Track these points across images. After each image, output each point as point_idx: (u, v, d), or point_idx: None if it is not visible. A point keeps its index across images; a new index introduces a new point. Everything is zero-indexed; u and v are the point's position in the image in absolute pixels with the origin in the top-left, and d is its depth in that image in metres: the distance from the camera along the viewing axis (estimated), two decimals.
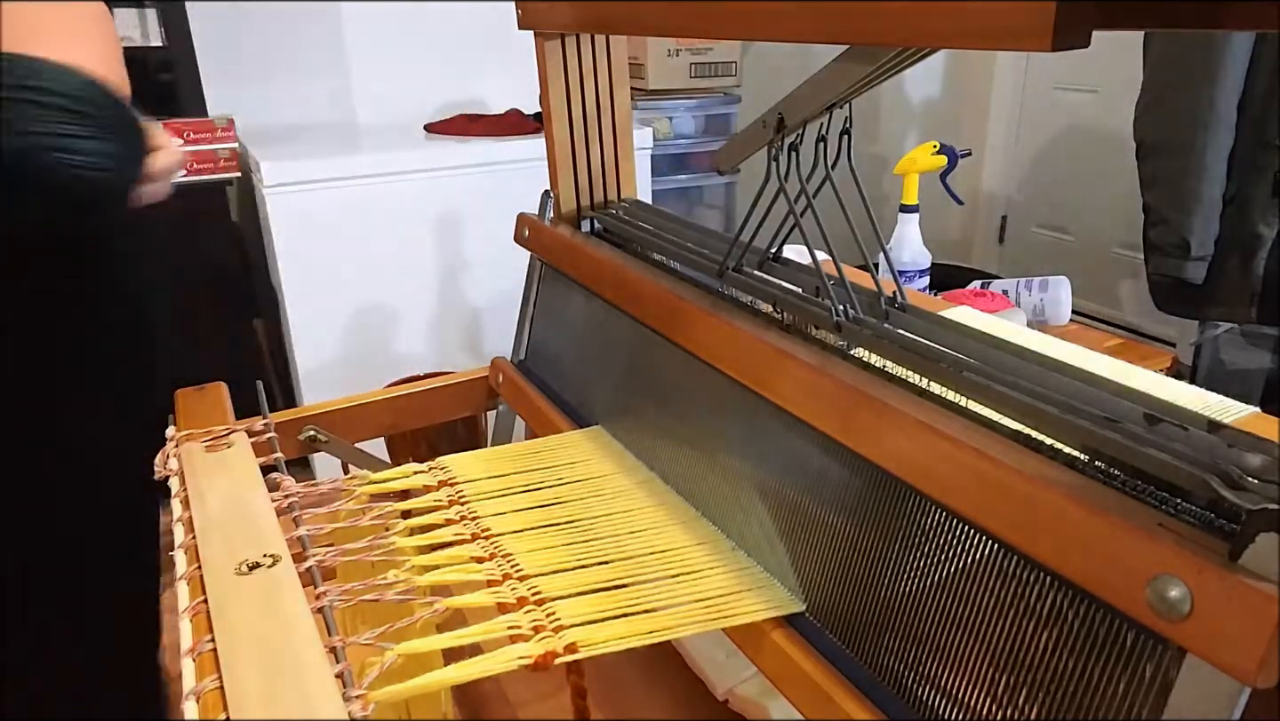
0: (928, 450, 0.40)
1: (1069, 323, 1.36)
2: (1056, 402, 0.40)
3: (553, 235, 0.79)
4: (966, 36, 0.34)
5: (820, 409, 0.47)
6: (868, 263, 0.54)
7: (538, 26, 0.74)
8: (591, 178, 0.81)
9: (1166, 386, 0.53)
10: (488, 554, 0.53)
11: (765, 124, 0.55)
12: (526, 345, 0.85)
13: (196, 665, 0.42)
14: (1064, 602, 0.36)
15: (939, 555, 0.41)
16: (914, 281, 1.41)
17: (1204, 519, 0.34)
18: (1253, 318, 1.48)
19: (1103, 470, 0.38)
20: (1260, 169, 1.41)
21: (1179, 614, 0.30)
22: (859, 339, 0.51)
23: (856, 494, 0.46)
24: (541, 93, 0.78)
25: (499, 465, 0.64)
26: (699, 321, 0.58)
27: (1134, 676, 0.33)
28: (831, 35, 0.41)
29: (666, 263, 0.70)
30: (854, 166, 0.52)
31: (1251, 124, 1.40)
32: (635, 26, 0.60)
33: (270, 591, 0.47)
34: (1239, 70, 1.39)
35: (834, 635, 0.47)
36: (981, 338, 0.48)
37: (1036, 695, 0.37)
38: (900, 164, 1.45)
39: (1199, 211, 1.45)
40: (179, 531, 0.53)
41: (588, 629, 0.46)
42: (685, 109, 2.46)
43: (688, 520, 0.58)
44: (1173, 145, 1.46)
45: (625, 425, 0.68)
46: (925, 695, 0.42)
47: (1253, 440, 0.36)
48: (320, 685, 0.40)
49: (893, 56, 0.45)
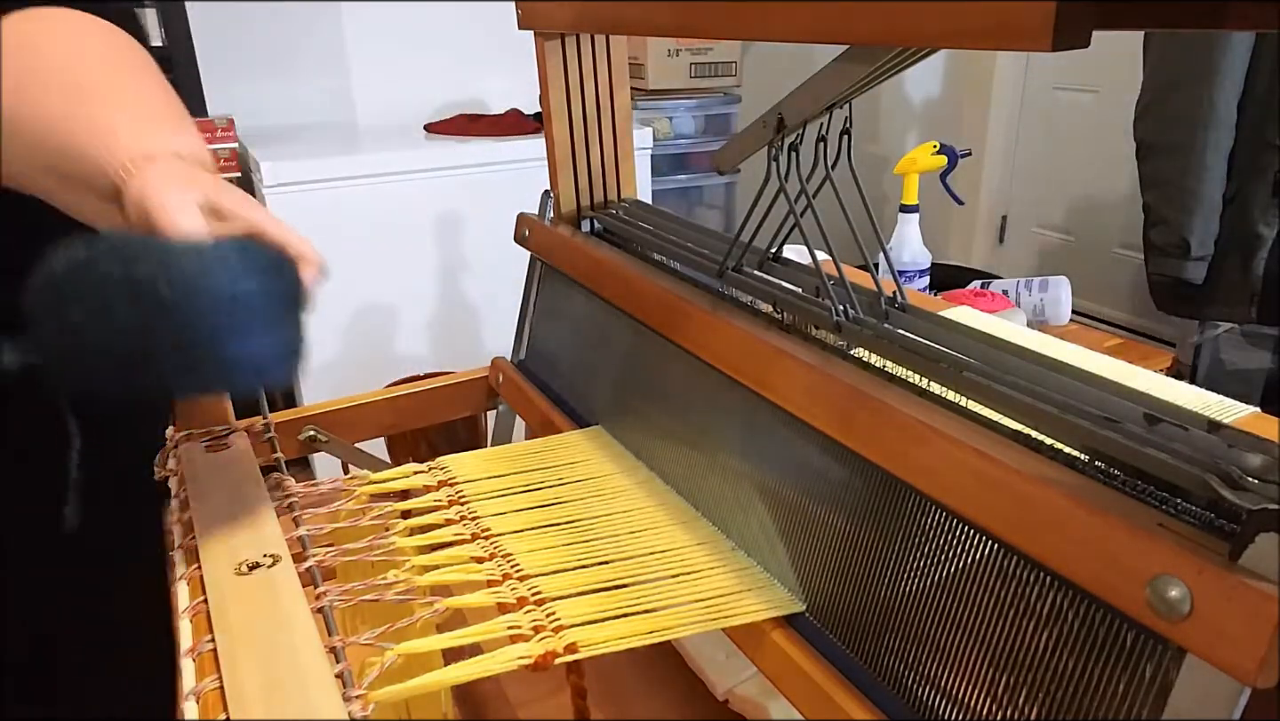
0: (928, 450, 0.40)
1: (1069, 322, 1.36)
2: (1056, 403, 0.40)
3: (553, 235, 0.79)
4: (966, 36, 0.34)
5: (820, 409, 0.47)
6: (868, 263, 0.54)
7: (538, 26, 0.74)
8: (591, 178, 0.81)
9: (1166, 386, 0.53)
10: (488, 554, 0.53)
11: (765, 124, 0.55)
12: (526, 345, 0.85)
13: (196, 665, 0.42)
14: (1064, 602, 0.36)
15: (939, 555, 0.41)
16: (914, 281, 1.41)
17: (1204, 519, 0.34)
18: (1253, 317, 1.48)
19: (1103, 470, 0.38)
20: (1260, 169, 1.41)
21: (1179, 614, 0.30)
22: (859, 339, 0.51)
23: (856, 494, 0.46)
24: (541, 93, 0.78)
25: (499, 465, 0.64)
26: (699, 321, 0.58)
27: (1134, 676, 0.33)
28: (831, 35, 0.41)
29: (666, 263, 0.70)
30: (854, 166, 0.52)
31: (1251, 124, 1.41)
32: (635, 26, 0.60)
33: (270, 591, 0.47)
34: (1239, 70, 1.40)
35: (834, 635, 0.47)
36: (981, 337, 0.48)
37: (1036, 695, 0.37)
38: (900, 164, 1.45)
39: (1199, 211, 1.45)
40: (179, 531, 0.53)
41: (588, 629, 0.46)
42: (685, 109, 2.46)
43: (688, 520, 0.58)
44: (1173, 145, 1.46)
45: (625, 425, 0.68)
46: (925, 695, 0.42)
47: (1253, 440, 0.36)
48: (320, 685, 0.40)
49: (893, 56, 0.45)
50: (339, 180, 1.72)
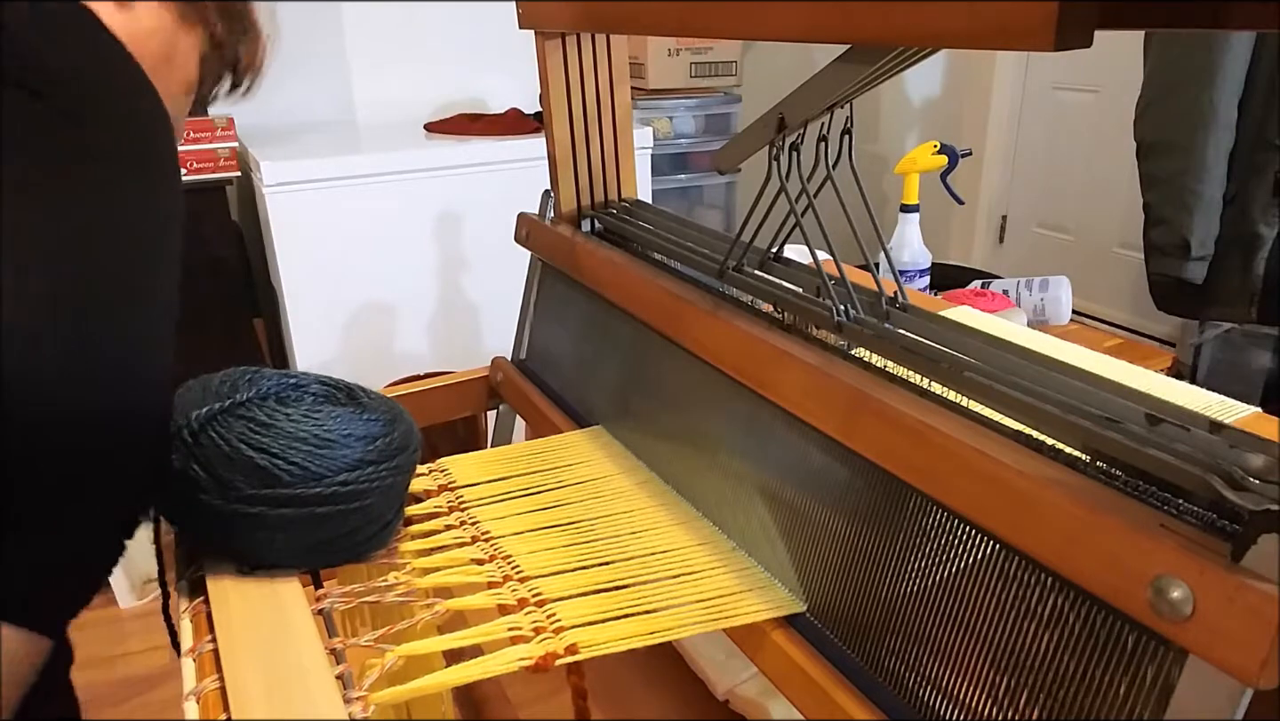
0: (929, 450, 0.40)
1: (1069, 322, 1.36)
2: (1057, 403, 0.40)
3: (553, 235, 0.79)
4: (968, 36, 0.34)
5: (821, 409, 0.47)
6: (868, 262, 0.54)
7: (538, 26, 0.74)
8: (591, 177, 0.81)
9: (1167, 386, 0.53)
10: (488, 555, 0.53)
11: (766, 124, 0.55)
12: (527, 345, 0.85)
13: (196, 665, 0.42)
14: (1065, 603, 0.36)
15: (940, 555, 0.41)
16: (914, 281, 1.41)
17: (1206, 519, 0.34)
18: (1253, 317, 1.48)
19: (1104, 470, 0.37)
20: (1260, 169, 1.41)
21: (1181, 615, 0.30)
22: (860, 339, 0.51)
23: (857, 494, 0.46)
24: (542, 92, 0.78)
25: (499, 466, 0.64)
26: (699, 321, 0.58)
27: (1136, 678, 0.33)
28: (832, 35, 0.41)
29: (667, 262, 0.69)
30: (855, 166, 0.52)
31: (1251, 124, 1.40)
32: (635, 26, 0.60)
33: (271, 591, 0.47)
34: (1239, 70, 1.39)
35: (835, 635, 0.47)
36: (982, 337, 0.48)
37: (1038, 696, 0.37)
38: (900, 164, 1.45)
39: (1199, 211, 1.45)
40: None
41: (588, 630, 0.46)
42: (685, 109, 2.46)
43: (688, 520, 0.58)
44: (1173, 145, 1.46)
45: (626, 425, 0.68)
46: (926, 696, 0.42)
47: (1255, 441, 0.36)
48: (321, 686, 0.40)
49: (893, 56, 0.45)
50: (339, 180, 1.72)
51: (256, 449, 0.46)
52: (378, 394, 0.55)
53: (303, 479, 0.46)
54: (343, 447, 0.48)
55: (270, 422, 0.47)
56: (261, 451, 0.46)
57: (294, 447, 0.47)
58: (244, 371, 0.52)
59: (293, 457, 0.46)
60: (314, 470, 0.47)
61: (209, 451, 0.46)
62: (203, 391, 0.49)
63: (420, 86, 2.24)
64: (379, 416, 0.51)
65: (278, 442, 0.46)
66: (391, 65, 2.20)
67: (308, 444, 0.47)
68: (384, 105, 2.21)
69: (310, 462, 0.47)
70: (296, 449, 0.47)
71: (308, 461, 0.47)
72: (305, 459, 0.47)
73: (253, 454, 0.46)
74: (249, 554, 0.49)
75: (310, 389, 0.53)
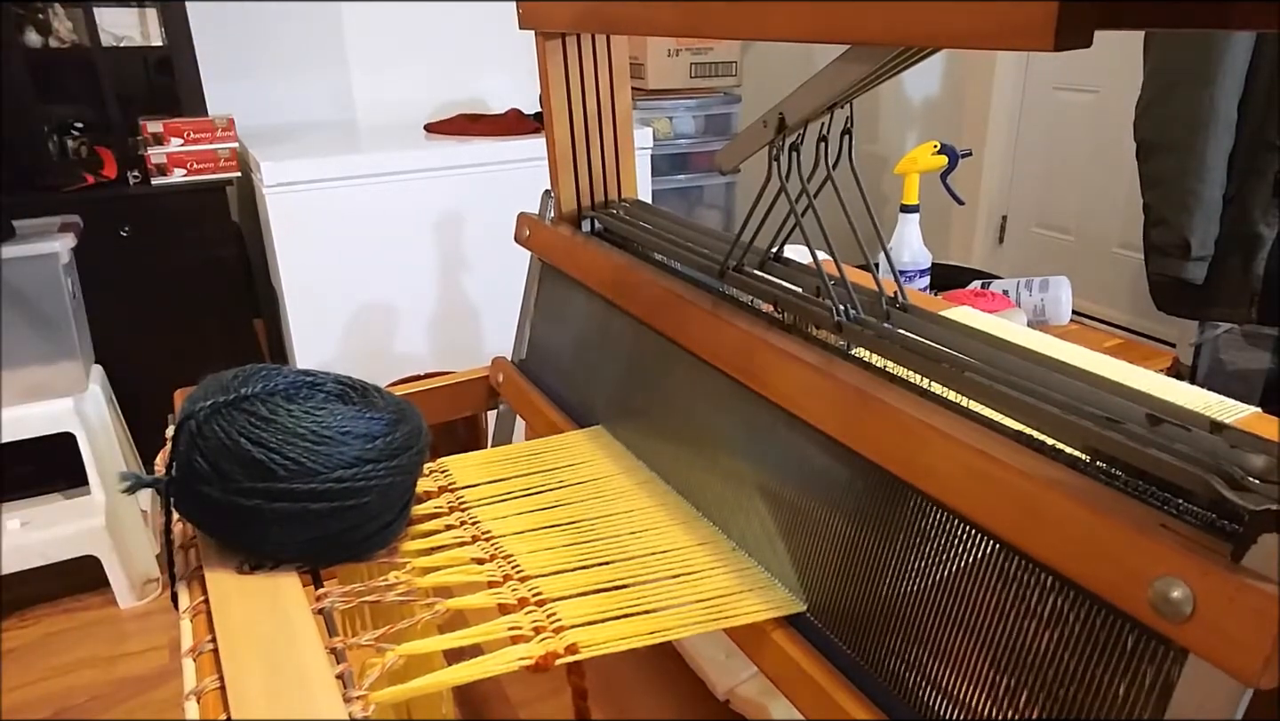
0: (929, 450, 0.40)
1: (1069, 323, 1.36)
2: (1058, 403, 0.40)
3: (553, 235, 0.79)
4: (968, 36, 0.34)
5: (821, 409, 0.47)
6: (868, 262, 0.54)
7: (538, 26, 0.74)
8: (592, 177, 0.81)
9: (1167, 386, 0.53)
10: (488, 555, 0.53)
11: (766, 124, 0.55)
12: (527, 345, 0.85)
13: (197, 665, 0.42)
14: (1065, 603, 0.36)
15: (940, 555, 0.41)
16: (914, 281, 1.41)
17: (1206, 520, 0.34)
18: (1253, 317, 1.48)
19: (1105, 470, 0.37)
20: (1260, 169, 1.41)
21: (1181, 615, 0.30)
22: (860, 339, 0.51)
23: (857, 494, 0.46)
24: (542, 93, 0.78)
25: (500, 466, 0.64)
26: (699, 321, 0.58)
27: (1136, 677, 0.33)
28: (831, 35, 0.41)
29: (667, 262, 0.69)
30: (855, 166, 0.52)
31: (1252, 124, 1.40)
32: (635, 26, 0.60)
33: (271, 591, 0.47)
34: (1239, 70, 1.39)
35: (835, 635, 0.47)
36: (982, 338, 0.48)
37: (1038, 696, 0.37)
38: (900, 164, 1.45)
39: (1199, 211, 1.45)
40: (179, 531, 0.53)
41: (589, 629, 0.46)
42: (685, 109, 2.46)
43: (688, 520, 0.58)
44: (1173, 145, 1.46)
45: (626, 425, 0.68)
46: (926, 695, 0.42)
47: (1255, 441, 0.36)
48: (321, 686, 0.40)
49: (893, 56, 0.45)
50: (339, 180, 1.72)
51: (255, 442, 0.46)
52: (392, 395, 0.55)
53: (298, 474, 0.47)
54: (341, 445, 0.48)
55: (271, 418, 0.47)
56: (259, 445, 0.46)
57: (291, 443, 0.47)
58: (260, 368, 0.52)
59: (289, 453, 0.46)
60: (309, 466, 0.47)
61: (212, 443, 0.46)
62: (216, 386, 0.50)
63: (420, 86, 2.24)
64: (382, 416, 0.51)
65: (276, 437, 0.47)
66: (391, 65, 2.20)
67: (305, 440, 0.47)
68: (384, 105, 2.21)
69: (306, 458, 0.47)
70: (294, 444, 0.47)
71: (303, 457, 0.47)
72: (302, 454, 0.47)
73: (250, 447, 0.46)
74: (247, 546, 0.49)
75: (325, 387, 0.53)
